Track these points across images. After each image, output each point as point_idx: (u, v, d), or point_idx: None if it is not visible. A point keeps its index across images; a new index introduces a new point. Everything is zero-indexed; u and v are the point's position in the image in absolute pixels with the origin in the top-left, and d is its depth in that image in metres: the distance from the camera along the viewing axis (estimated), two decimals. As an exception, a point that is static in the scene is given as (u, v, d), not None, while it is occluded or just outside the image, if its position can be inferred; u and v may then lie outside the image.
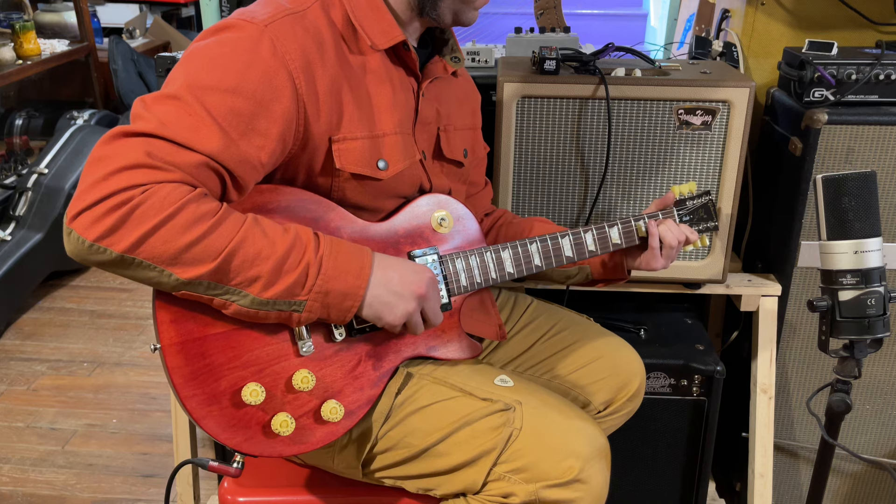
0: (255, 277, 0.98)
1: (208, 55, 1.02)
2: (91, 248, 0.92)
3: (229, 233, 0.96)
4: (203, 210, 0.95)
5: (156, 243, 0.92)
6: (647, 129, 1.52)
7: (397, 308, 1.08)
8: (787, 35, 1.72)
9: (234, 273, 0.97)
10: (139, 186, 0.92)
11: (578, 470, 1.09)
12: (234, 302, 0.99)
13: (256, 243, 0.98)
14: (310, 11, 1.09)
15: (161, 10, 4.97)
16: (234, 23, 1.04)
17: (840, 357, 1.28)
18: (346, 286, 1.03)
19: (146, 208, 0.92)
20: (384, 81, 1.16)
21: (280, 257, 0.99)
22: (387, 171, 1.16)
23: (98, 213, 0.91)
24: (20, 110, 3.77)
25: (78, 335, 2.80)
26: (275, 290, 0.99)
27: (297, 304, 1.01)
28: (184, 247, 0.93)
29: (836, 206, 1.20)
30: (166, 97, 0.98)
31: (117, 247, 0.92)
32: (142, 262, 0.93)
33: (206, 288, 0.97)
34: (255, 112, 1.01)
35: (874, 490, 1.83)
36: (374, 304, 1.07)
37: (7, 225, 2.99)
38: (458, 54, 1.30)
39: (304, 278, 1.00)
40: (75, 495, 2.03)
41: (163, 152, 0.95)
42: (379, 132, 1.15)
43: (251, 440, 1.06)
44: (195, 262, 0.95)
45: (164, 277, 0.95)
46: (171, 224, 0.93)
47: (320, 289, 1.01)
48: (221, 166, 0.99)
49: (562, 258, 1.29)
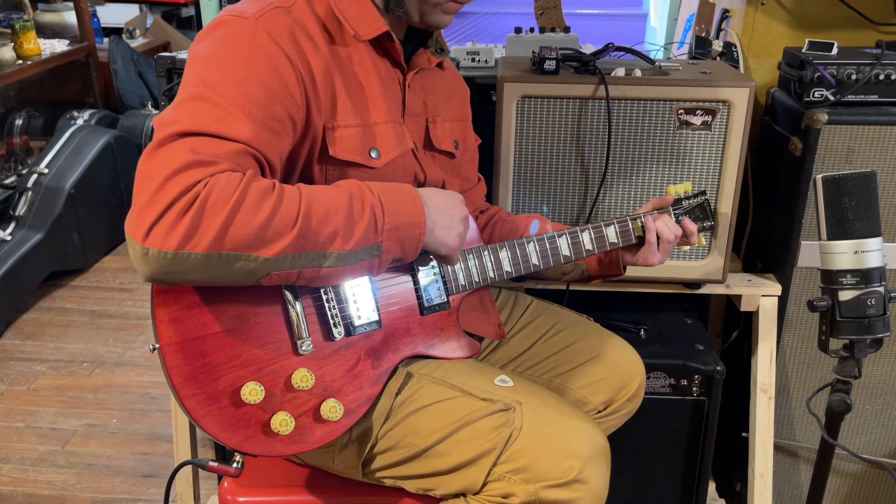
0: (333, 234, 0.99)
1: (211, 54, 1.03)
2: (175, 258, 0.90)
3: (294, 200, 0.97)
4: (263, 187, 0.95)
5: (237, 229, 0.92)
6: (647, 129, 1.52)
7: (454, 230, 1.14)
8: (787, 35, 1.72)
9: (313, 235, 0.98)
10: (198, 184, 0.91)
11: (578, 470, 1.09)
12: (322, 266, 1.00)
13: (322, 202, 0.99)
14: (295, 7, 1.11)
15: (161, 10, 4.97)
16: (225, 20, 1.05)
17: (840, 357, 1.28)
18: (410, 216, 1.07)
19: (214, 200, 0.91)
20: (371, 72, 1.18)
21: (346, 209, 1.01)
22: (379, 159, 1.17)
23: (169, 221, 0.89)
24: (20, 110, 3.77)
25: (78, 335, 2.81)
26: (354, 240, 1.01)
27: (375, 249, 1.03)
28: (262, 224, 0.93)
29: (836, 206, 1.20)
30: (186, 100, 0.99)
31: (201, 246, 0.90)
32: (229, 255, 0.92)
33: (292, 262, 0.97)
34: (269, 99, 1.02)
35: (874, 490, 1.83)
36: (436, 230, 1.11)
37: (7, 225, 2.99)
38: (443, 46, 1.31)
39: (374, 220, 1.02)
40: (75, 495, 2.03)
41: (205, 147, 0.95)
42: (371, 121, 1.16)
43: (251, 439, 1.06)
44: (277, 235, 0.95)
45: (253, 263, 0.94)
46: (243, 207, 0.92)
47: (391, 225, 1.04)
48: (259, 152, 1.00)
49: (559, 257, 1.30)
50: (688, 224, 1.36)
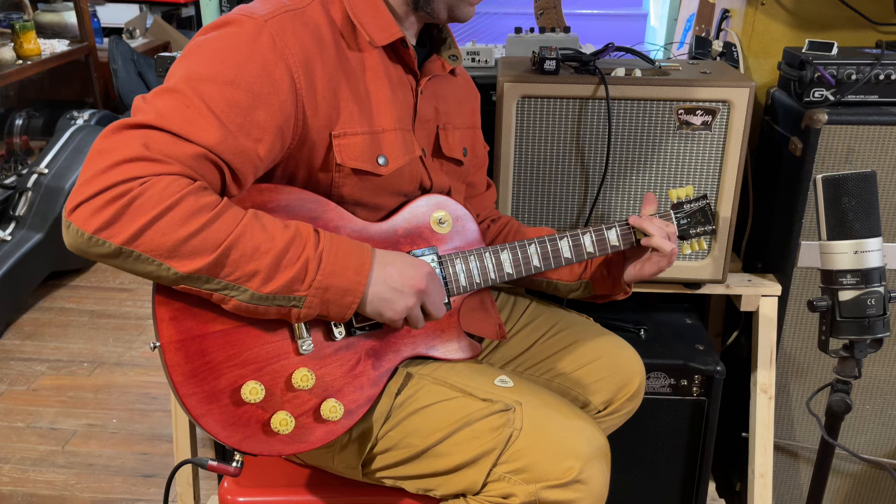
0: (253, 272, 0.98)
1: (207, 49, 1.02)
2: (90, 240, 0.92)
3: (228, 226, 0.96)
4: (202, 203, 0.95)
5: (154, 235, 0.92)
6: (647, 129, 1.52)
7: (397, 304, 1.08)
8: (787, 35, 1.72)
9: (232, 267, 0.97)
10: (137, 179, 0.92)
11: (578, 470, 1.09)
12: (234, 297, 0.99)
13: (255, 237, 0.98)
14: (309, 9, 1.10)
15: (161, 10, 4.97)
16: (234, 18, 1.05)
17: (840, 357, 1.28)
18: (347, 282, 1.03)
19: (144, 200, 0.91)
20: (383, 78, 1.17)
21: (279, 252, 0.99)
22: (387, 166, 1.16)
23: (96, 205, 0.91)
24: (20, 110, 3.77)
25: (78, 335, 2.81)
26: (274, 284, 0.99)
27: (296, 300, 1.01)
28: (182, 239, 0.93)
29: (836, 206, 1.20)
30: (165, 91, 0.99)
31: (116, 239, 0.92)
32: (140, 256, 0.93)
33: (204, 282, 0.97)
34: (252, 104, 1.01)
35: (874, 490, 1.83)
36: (374, 301, 1.07)
37: (7, 225, 2.99)
38: (456, 52, 1.30)
39: (303, 273, 1.00)
40: (75, 495, 2.03)
41: (161, 144, 0.95)
42: (378, 128, 1.16)
43: (250, 439, 1.06)
44: (193, 254, 0.94)
45: (163, 271, 0.95)
46: (169, 216, 0.92)
47: (320, 284, 1.01)
48: (220, 159, 0.99)
49: (560, 259, 1.29)
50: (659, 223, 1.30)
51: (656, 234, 1.27)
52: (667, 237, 1.28)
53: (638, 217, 1.30)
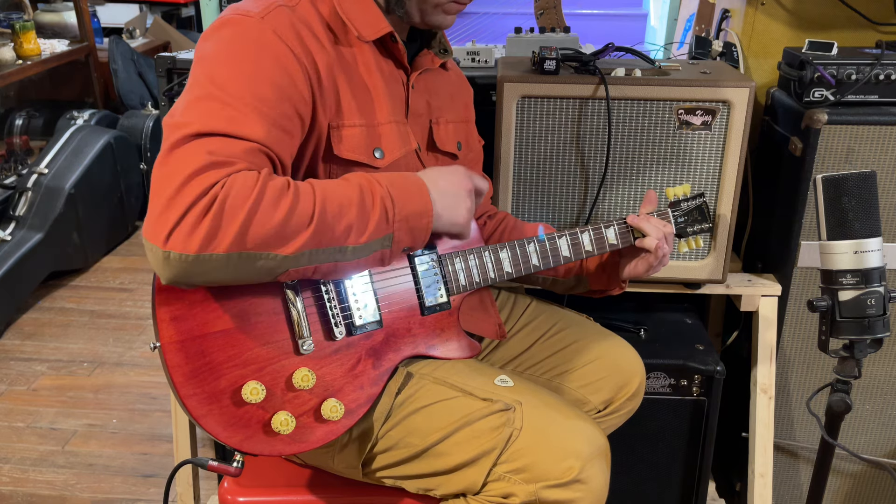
0: (347, 228, 1.00)
1: (218, 53, 1.03)
2: (197, 259, 0.91)
3: (309, 197, 0.98)
4: (279, 185, 0.96)
5: (256, 228, 0.93)
6: (647, 129, 1.52)
7: (461, 207, 1.15)
8: (787, 35, 1.72)
9: (330, 230, 0.99)
10: (216, 185, 0.92)
11: (578, 470, 1.09)
12: (339, 260, 1.02)
13: (335, 197, 1.01)
14: (299, 6, 1.11)
15: (161, 10, 4.97)
16: (230, 19, 1.05)
17: (840, 357, 1.28)
18: (418, 205, 1.08)
19: (233, 200, 0.91)
20: (375, 73, 1.18)
21: (359, 202, 1.02)
22: (383, 159, 1.17)
23: (190, 224, 0.90)
24: (20, 110, 3.77)
25: (78, 335, 2.81)
26: (367, 232, 1.02)
27: (387, 239, 1.05)
28: (281, 221, 0.94)
29: (836, 206, 1.20)
30: (196, 100, 0.99)
31: (222, 246, 0.91)
32: (250, 254, 0.93)
33: (310, 257, 0.99)
34: (279, 96, 1.03)
35: (874, 490, 1.84)
36: (444, 213, 1.12)
37: (7, 225, 2.99)
38: (447, 46, 1.31)
39: (385, 212, 1.04)
40: (75, 495, 2.03)
41: (220, 147, 0.95)
42: (375, 121, 1.17)
43: (251, 439, 1.06)
44: (295, 232, 0.96)
45: (272, 261, 0.96)
46: (261, 206, 0.93)
47: (401, 216, 1.05)
48: (271, 150, 1.01)
49: (559, 258, 1.30)
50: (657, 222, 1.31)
51: (653, 234, 1.28)
52: (664, 238, 1.29)
53: (636, 216, 1.30)
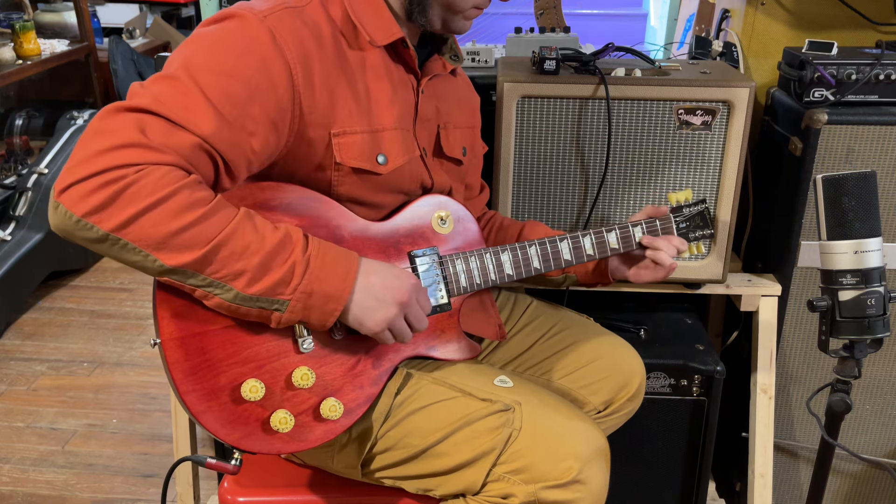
0: (240, 271, 0.97)
1: (207, 40, 1.03)
2: (78, 223, 0.91)
3: (220, 223, 0.96)
4: (196, 197, 0.95)
5: (144, 226, 0.92)
6: (647, 129, 1.52)
7: (378, 313, 1.07)
8: (787, 35, 1.72)
9: (220, 264, 0.96)
10: (133, 166, 0.91)
11: (578, 470, 1.09)
12: (217, 295, 0.99)
13: (246, 237, 0.98)
14: (308, 7, 1.10)
15: (161, 10, 4.97)
16: (234, 12, 1.05)
17: (840, 357, 1.28)
18: (332, 288, 1.03)
19: (138, 188, 0.91)
20: (383, 78, 1.17)
21: (268, 253, 0.99)
22: (386, 165, 1.16)
23: (88, 188, 0.90)
24: (20, 110, 3.77)
25: (78, 335, 2.81)
26: (259, 286, 0.99)
27: (279, 303, 1.01)
28: (173, 232, 0.93)
29: (836, 206, 1.20)
30: (162, 77, 0.99)
31: (104, 225, 0.91)
32: (127, 244, 0.93)
33: (189, 277, 0.97)
34: (249, 97, 1.01)
35: (874, 490, 1.83)
36: (356, 310, 1.06)
37: (7, 225, 2.99)
38: (457, 52, 1.31)
39: (289, 277, 1.00)
40: (75, 495, 2.03)
41: (157, 131, 0.94)
42: (378, 127, 1.16)
43: (250, 437, 1.06)
44: (182, 249, 0.94)
45: (149, 262, 0.95)
46: (162, 207, 0.92)
47: (305, 289, 1.01)
48: (214, 149, 0.99)
49: (560, 261, 1.30)
50: (677, 241, 1.33)
51: (669, 251, 1.29)
52: (675, 252, 1.31)
53: (650, 237, 1.31)
